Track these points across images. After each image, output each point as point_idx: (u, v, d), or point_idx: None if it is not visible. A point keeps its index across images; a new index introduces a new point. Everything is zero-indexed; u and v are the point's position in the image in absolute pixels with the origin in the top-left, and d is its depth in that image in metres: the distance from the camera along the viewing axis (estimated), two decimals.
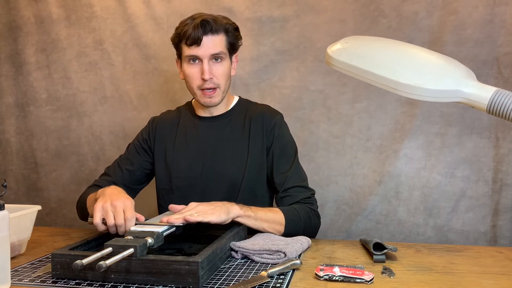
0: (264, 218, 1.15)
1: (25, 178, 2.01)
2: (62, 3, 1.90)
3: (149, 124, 1.44)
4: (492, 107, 0.83)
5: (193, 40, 1.24)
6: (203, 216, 1.02)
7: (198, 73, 1.27)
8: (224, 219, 1.05)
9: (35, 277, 0.91)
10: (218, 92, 1.30)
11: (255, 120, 1.35)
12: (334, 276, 0.87)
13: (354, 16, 1.66)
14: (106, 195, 1.06)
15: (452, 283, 0.88)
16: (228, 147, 1.34)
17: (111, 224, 1.00)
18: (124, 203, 1.02)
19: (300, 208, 1.23)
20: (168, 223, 0.99)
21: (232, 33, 1.30)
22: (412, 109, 1.63)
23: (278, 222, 1.17)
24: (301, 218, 1.21)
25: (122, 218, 1.00)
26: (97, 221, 1.01)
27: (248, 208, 1.13)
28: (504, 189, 1.57)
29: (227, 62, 1.31)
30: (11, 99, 2.00)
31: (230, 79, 1.34)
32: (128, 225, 0.99)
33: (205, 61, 1.26)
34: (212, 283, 0.86)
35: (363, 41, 1.02)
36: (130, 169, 1.38)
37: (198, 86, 1.29)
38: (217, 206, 1.07)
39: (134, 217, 1.01)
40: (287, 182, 1.29)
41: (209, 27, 1.24)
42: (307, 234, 1.18)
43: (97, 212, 1.02)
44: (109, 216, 1.00)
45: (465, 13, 1.56)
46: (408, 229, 1.64)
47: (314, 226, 1.26)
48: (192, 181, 1.33)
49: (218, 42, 1.27)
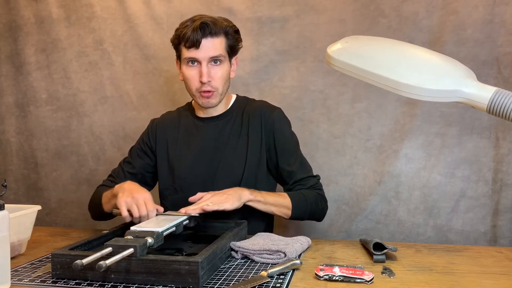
0: (273, 202, 1.23)
1: (25, 178, 2.01)
2: (62, 3, 1.90)
3: (150, 127, 1.45)
4: (492, 107, 0.83)
5: (192, 43, 1.24)
6: (218, 205, 1.11)
7: (197, 76, 1.27)
8: (237, 205, 1.14)
9: (35, 277, 0.91)
10: (215, 94, 1.30)
11: (253, 116, 1.35)
12: (334, 276, 0.87)
13: (354, 16, 1.66)
14: (126, 190, 1.14)
15: (452, 283, 0.88)
16: (229, 145, 1.34)
17: (136, 216, 1.10)
18: (144, 196, 1.12)
19: (307, 193, 1.29)
20: (186, 213, 1.09)
21: (232, 35, 1.30)
22: (412, 109, 1.63)
23: (286, 206, 1.25)
24: (307, 202, 1.28)
25: (145, 209, 1.10)
26: (125, 214, 1.11)
27: (258, 193, 1.21)
28: (504, 189, 1.57)
29: (226, 65, 1.31)
30: (11, 99, 1.99)
31: (229, 81, 1.34)
32: (151, 215, 1.10)
33: (204, 64, 1.26)
34: (212, 283, 0.86)
35: (363, 41, 1.02)
36: (132, 172, 1.39)
37: (197, 88, 1.29)
38: (230, 194, 1.15)
39: (155, 208, 1.12)
40: (296, 175, 1.33)
41: (208, 29, 1.24)
42: (314, 218, 1.27)
43: (122, 206, 1.11)
44: (133, 208, 1.10)
45: (465, 13, 1.56)
46: (408, 229, 1.64)
47: (321, 209, 1.33)
48: (195, 181, 1.34)
49: (217, 44, 1.26)
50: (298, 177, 1.32)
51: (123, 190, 1.15)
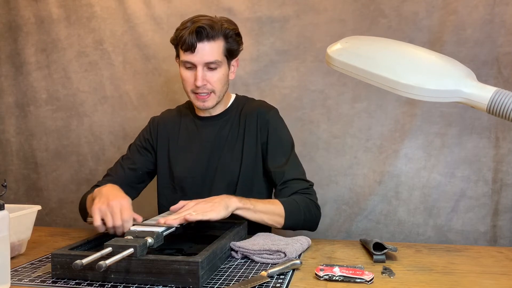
0: (264, 210, 1.15)
1: (25, 178, 2.01)
2: (62, 3, 1.90)
3: (150, 124, 1.44)
4: (492, 107, 0.83)
5: (188, 47, 1.22)
6: (202, 214, 1.01)
7: (192, 78, 1.26)
8: (223, 215, 1.05)
9: (35, 277, 0.91)
10: (212, 96, 1.29)
11: (250, 116, 1.35)
12: (334, 276, 0.87)
13: (354, 16, 1.66)
14: (103, 196, 1.06)
15: (452, 283, 0.88)
16: (227, 145, 1.35)
17: (109, 226, 1.01)
18: (121, 203, 1.02)
19: (300, 200, 1.22)
20: (166, 224, 0.98)
21: (233, 38, 1.27)
22: (412, 109, 1.63)
23: (278, 214, 1.17)
24: (301, 210, 1.20)
25: (120, 219, 1.00)
26: (97, 223, 1.02)
27: (247, 201, 1.13)
28: (504, 189, 1.57)
29: (224, 68, 1.28)
30: (11, 99, 1.99)
31: (228, 83, 1.33)
32: (126, 226, 0.99)
33: (199, 68, 1.24)
34: (212, 283, 0.86)
35: (363, 41, 1.01)
36: (133, 168, 1.38)
37: (192, 90, 1.28)
38: (216, 202, 1.06)
39: (131, 218, 1.01)
40: (284, 175, 1.27)
41: (205, 33, 1.21)
42: (307, 227, 1.18)
43: (95, 214, 1.02)
44: (107, 218, 1.01)
45: (465, 13, 1.56)
46: (408, 229, 1.64)
47: (314, 217, 1.25)
48: (194, 179, 1.34)
49: (214, 49, 1.24)
50: (287, 177, 1.26)
51: (100, 195, 1.07)
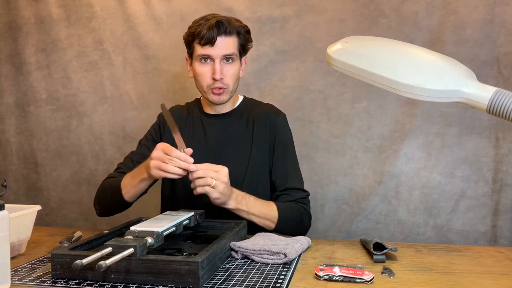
0: (257, 213, 1.21)
1: (25, 178, 2.01)
2: (62, 3, 1.90)
3: (159, 118, 1.47)
4: (492, 107, 0.83)
5: (207, 40, 1.26)
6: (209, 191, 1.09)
7: (209, 73, 1.29)
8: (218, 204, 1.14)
9: (35, 277, 0.91)
10: (226, 91, 1.32)
11: (258, 120, 1.38)
12: (334, 276, 0.87)
13: (354, 16, 1.66)
14: (148, 160, 1.15)
15: (452, 283, 0.88)
16: (232, 145, 1.36)
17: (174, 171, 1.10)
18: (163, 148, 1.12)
19: (295, 209, 1.28)
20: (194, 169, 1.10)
21: (244, 35, 1.33)
22: (412, 109, 1.63)
23: (270, 220, 1.23)
24: (293, 219, 1.27)
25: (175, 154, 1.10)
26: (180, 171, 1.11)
27: (245, 202, 1.19)
28: (504, 189, 1.57)
29: (237, 64, 1.33)
30: (11, 99, 2.00)
31: (239, 80, 1.37)
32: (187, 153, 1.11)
33: (217, 61, 1.28)
34: (212, 283, 0.86)
35: (363, 41, 1.01)
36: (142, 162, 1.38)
37: (208, 85, 1.31)
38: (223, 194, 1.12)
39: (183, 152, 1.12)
40: (287, 183, 1.33)
41: (223, 28, 1.26)
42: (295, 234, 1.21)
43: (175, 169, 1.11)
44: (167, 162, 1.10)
45: (465, 13, 1.56)
46: (408, 229, 1.64)
47: (304, 227, 1.31)
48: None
49: (230, 43, 1.29)
50: (289, 185, 1.32)
51: (146, 163, 1.16)
